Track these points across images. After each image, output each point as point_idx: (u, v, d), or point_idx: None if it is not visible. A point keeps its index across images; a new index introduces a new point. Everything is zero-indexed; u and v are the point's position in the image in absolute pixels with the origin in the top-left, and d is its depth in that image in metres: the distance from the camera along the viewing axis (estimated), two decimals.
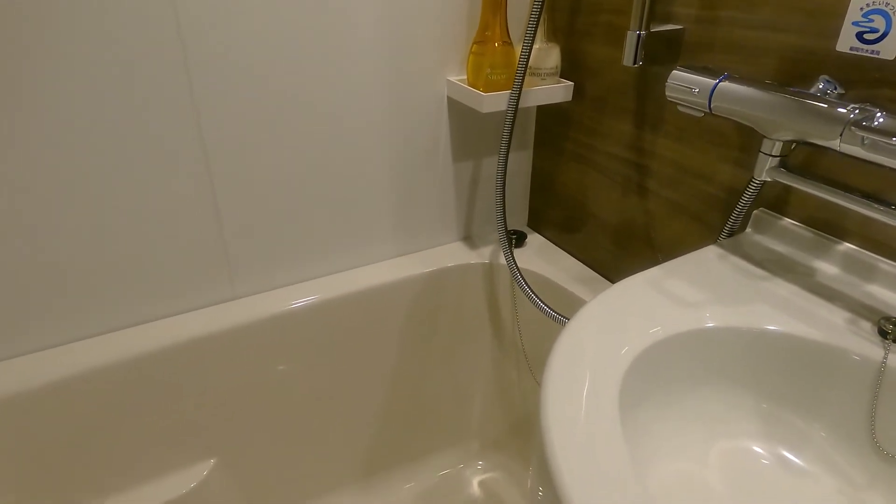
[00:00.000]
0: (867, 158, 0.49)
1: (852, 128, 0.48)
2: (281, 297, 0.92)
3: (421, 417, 1.13)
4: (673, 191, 0.80)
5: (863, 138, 0.48)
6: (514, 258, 0.95)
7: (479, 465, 1.16)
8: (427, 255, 1.04)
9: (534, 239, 1.09)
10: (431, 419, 1.14)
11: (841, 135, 0.49)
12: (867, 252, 0.60)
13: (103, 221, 0.76)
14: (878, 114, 0.48)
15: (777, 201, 0.67)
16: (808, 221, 0.65)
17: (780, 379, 0.53)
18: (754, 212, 0.69)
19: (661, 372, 0.52)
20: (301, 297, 0.92)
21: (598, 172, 0.92)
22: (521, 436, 1.14)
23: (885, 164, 0.47)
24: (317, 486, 1.07)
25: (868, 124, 0.47)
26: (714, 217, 0.75)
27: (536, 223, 1.11)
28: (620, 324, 0.53)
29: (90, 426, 0.81)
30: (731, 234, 0.70)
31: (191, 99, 0.75)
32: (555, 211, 1.05)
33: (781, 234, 0.67)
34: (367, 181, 0.93)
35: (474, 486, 1.13)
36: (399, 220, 0.99)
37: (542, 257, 1.03)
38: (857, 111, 0.49)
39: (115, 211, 0.76)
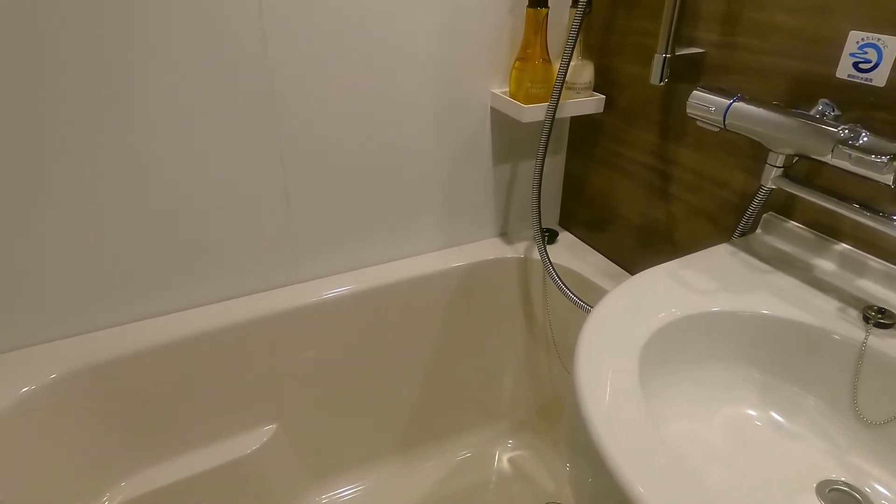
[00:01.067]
0: (855, 171, 0.58)
1: (840, 146, 0.57)
2: (336, 283, 1.03)
3: (456, 398, 1.24)
4: (692, 195, 0.89)
5: (850, 154, 0.57)
6: (547, 253, 1.05)
7: (509, 443, 1.27)
8: (466, 248, 1.14)
9: (564, 237, 1.19)
10: (465, 399, 1.25)
11: (832, 151, 0.58)
12: (860, 251, 0.69)
13: (195, 209, 0.89)
14: (863, 134, 0.57)
15: (784, 206, 0.77)
16: (811, 224, 0.74)
17: (776, 356, 0.63)
18: (764, 215, 0.79)
19: (674, 347, 0.62)
20: (353, 284, 1.03)
21: (624, 177, 1.02)
22: (548, 417, 1.24)
23: (869, 176, 0.56)
24: (362, 455, 1.18)
25: (854, 143, 0.57)
26: (728, 219, 0.85)
27: (567, 222, 1.21)
28: (641, 305, 0.63)
29: (172, 389, 0.93)
30: (742, 235, 0.79)
31: (272, 104, 0.87)
32: (584, 211, 1.15)
33: (787, 235, 0.76)
34: (416, 181, 1.04)
35: (504, 463, 1.23)
36: (443, 216, 1.10)
37: (571, 253, 1.13)
38: (846, 131, 0.58)
39: (203, 202, 0.89)
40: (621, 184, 1.03)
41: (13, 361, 0.83)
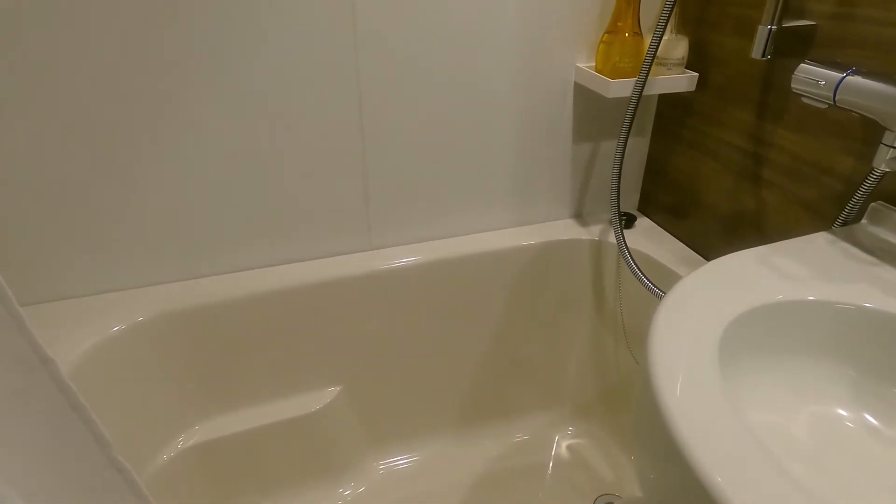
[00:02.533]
0: None
1: None
2: (407, 252, 1.04)
3: (517, 378, 1.22)
4: (789, 180, 0.83)
5: None
6: (623, 237, 1.01)
7: (570, 429, 1.24)
8: (540, 227, 1.12)
9: (642, 222, 1.14)
10: (527, 381, 1.23)
11: None
12: None
13: (279, 174, 0.92)
14: None
15: None
16: None
17: (875, 354, 0.57)
18: (871, 204, 0.72)
19: (759, 334, 0.58)
20: (423, 255, 1.03)
21: (713, 160, 0.96)
22: (612, 406, 1.21)
23: None
24: (420, 426, 1.19)
25: None
26: (828, 207, 0.78)
27: (646, 207, 1.16)
28: (726, 287, 0.59)
29: (246, 342, 0.97)
30: (844, 224, 0.73)
31: (356, 80, 0.88)
32: (666, 196, 1.09)
33: None
34: (493, 154, 1.03)
35: (563, 448, 1.21)
36: (517, 193, 1.08)
37: (649, 239, 1.08)
38: None
39: (287, 168, 0.92)
40: (709, 167, 0.97)
41: (107, 301, 0.90)
